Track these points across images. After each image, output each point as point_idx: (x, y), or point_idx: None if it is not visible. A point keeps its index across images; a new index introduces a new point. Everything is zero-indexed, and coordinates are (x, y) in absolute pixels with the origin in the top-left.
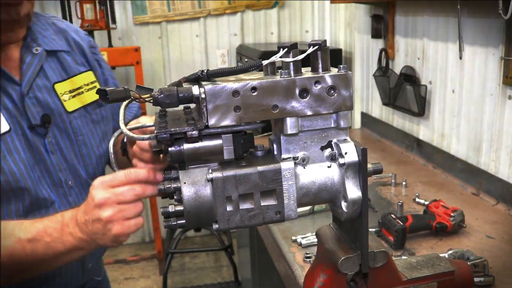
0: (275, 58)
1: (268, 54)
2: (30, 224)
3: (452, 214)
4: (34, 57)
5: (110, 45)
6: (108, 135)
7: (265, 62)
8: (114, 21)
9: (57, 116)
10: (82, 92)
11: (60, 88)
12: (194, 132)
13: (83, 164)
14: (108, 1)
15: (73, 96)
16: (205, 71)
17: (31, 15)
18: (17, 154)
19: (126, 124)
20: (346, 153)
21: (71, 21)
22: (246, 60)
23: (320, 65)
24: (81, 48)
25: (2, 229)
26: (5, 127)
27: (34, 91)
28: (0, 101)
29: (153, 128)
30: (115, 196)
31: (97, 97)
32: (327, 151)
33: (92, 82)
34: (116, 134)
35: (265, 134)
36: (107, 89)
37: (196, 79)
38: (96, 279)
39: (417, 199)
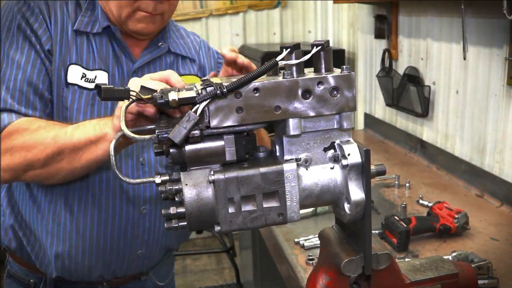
0: (279, 59)
1: (270, 55)
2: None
3: (456, 216)
4: (156, 48)
5: None
6: None
7: (281, 63)
8: None
9: None
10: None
11: None
12: (196, 131)
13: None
14: None
15: None
16: (224, 88)
17: (165, 17)
18: (103, 110)
19: None
20: (349, 155)
21: None
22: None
23: (323, 66)
24: (204, 64)
25: (61, 125)
26: (104, 80)
27: (144, 72)
28: (111, 68)
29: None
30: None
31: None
32: (330, 153)
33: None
34: (116, 136)
35: (268, 135)
36: (102, 86)
37: (213, 96)
38: (159, 284)
39: (420, 201)
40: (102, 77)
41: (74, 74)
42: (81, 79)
